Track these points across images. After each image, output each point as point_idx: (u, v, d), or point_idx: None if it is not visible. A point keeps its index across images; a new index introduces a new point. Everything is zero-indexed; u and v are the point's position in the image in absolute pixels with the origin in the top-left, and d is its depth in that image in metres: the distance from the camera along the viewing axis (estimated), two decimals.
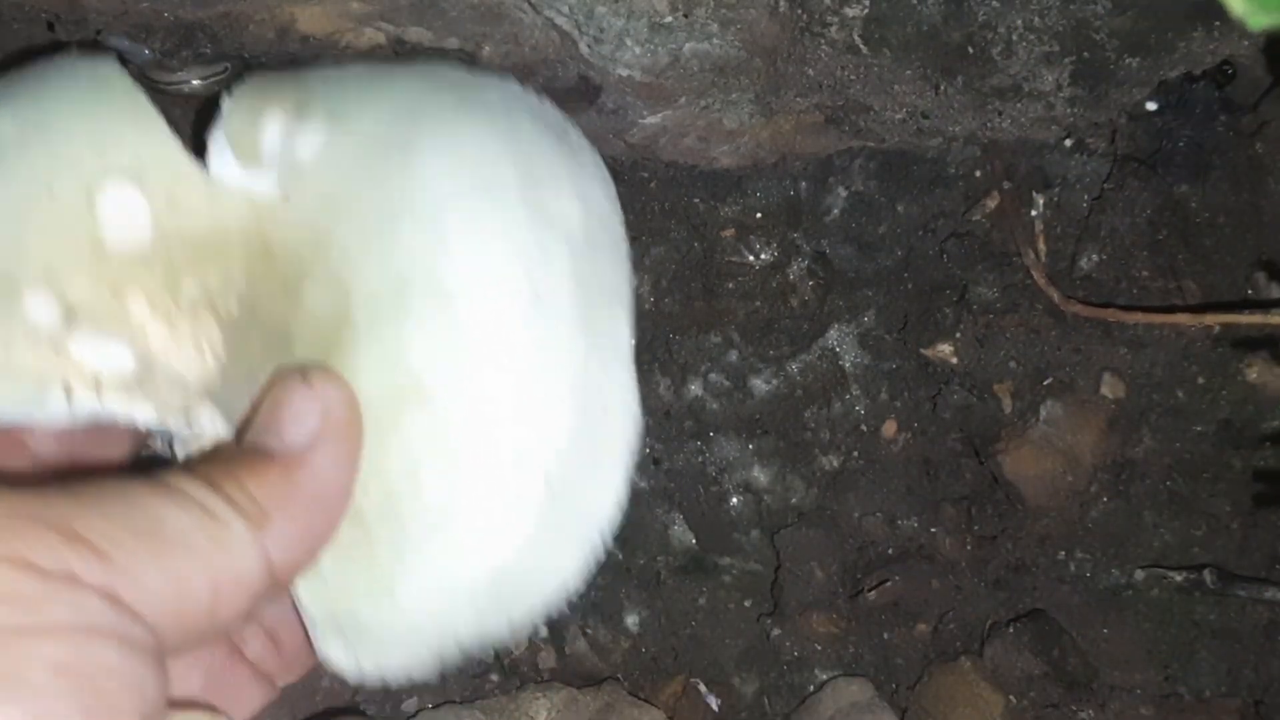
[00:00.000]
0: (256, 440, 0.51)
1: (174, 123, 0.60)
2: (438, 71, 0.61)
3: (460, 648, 0.54)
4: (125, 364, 0.58)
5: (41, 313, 0.56)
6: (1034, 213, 0.74)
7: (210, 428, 0.57)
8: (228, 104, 0.60)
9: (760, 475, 0.74)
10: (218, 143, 0.58)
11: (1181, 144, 0.72)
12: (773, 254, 0.75)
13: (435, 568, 0.52)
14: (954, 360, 0.74)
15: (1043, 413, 0.71)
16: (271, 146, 0.57)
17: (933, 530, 0.72)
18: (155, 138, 0.58)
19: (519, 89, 0.61)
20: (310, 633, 0.56)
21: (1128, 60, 0.65)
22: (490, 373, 0.52)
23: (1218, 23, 0.64)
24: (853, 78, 0.65)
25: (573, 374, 0.53)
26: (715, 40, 0.62)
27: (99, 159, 0.57)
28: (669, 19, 0.61)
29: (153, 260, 0.58)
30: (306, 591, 0.55)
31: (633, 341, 0.56)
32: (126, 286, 0.58)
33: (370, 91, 0.58)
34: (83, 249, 0.56)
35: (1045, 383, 0.72)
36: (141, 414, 0.58)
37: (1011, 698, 0.69)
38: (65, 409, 0.57)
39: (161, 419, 0.58)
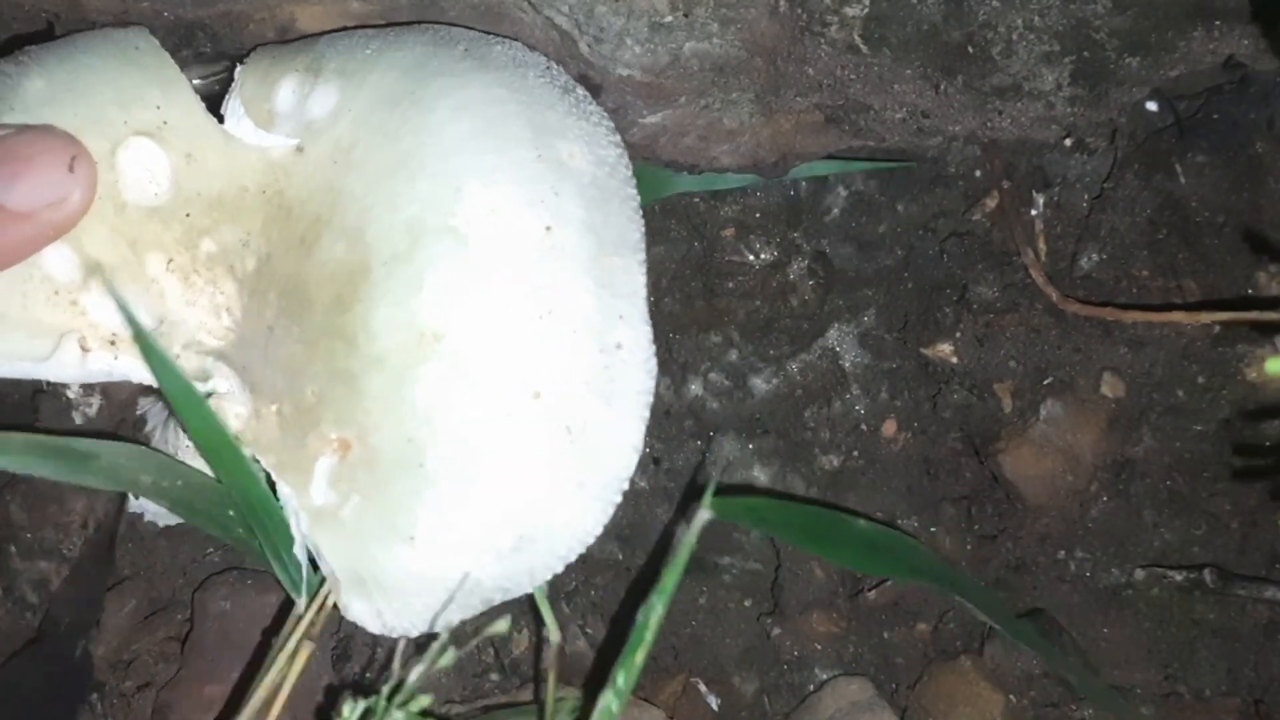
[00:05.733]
0: None
1: None
2: (444, 30, 0.61)
3: (482, 598, 0.54)
4: (142, 323, 0.59)
5: (61, 267, 0.57)
6: (1034, 212, 0.74)
7: (225, 388, 0.57)
8: (240, 71, 0.61)
9: (760, 475, 0.74)
10: (233, 107, 0.59)
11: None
12: (773, 253, 0.75)
13: (453, 512, 0.52)
14: (954, 360, 0.74)
15: (1043, 412, 0.71)
16: (285, 107, 0.58)
17: (933, 530, 0.72)
18: (179, 99, 0.59)
19: (523, 47, 0.61)
20: (333, 588, 0.56)
21: (1128, 60, 0.65)
22: (505, 314, 0.52)
23: (1218, 22, 0.64)
24: (853, 77, 0.66)
25: (588, 315, 0.53)
26: (715, 40, 0.62)
27: (123, 117, 0.58)
28: (669, 18, 0.61)
29: (171, 217, 0.58)
30: (328, 545, 0.55)
31: (646, 292, 0.55)
32: (145, 243, 0.58)
33: (380, 50, 0.59)
34: (104, 204, 0.57)
35: (1045, 382, 0.72)
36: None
37: (1011, 697, 0.69)
38: (80, 365, 0.58)
39: None
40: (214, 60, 0.68)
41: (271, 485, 0.57)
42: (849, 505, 0.73)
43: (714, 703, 0.71)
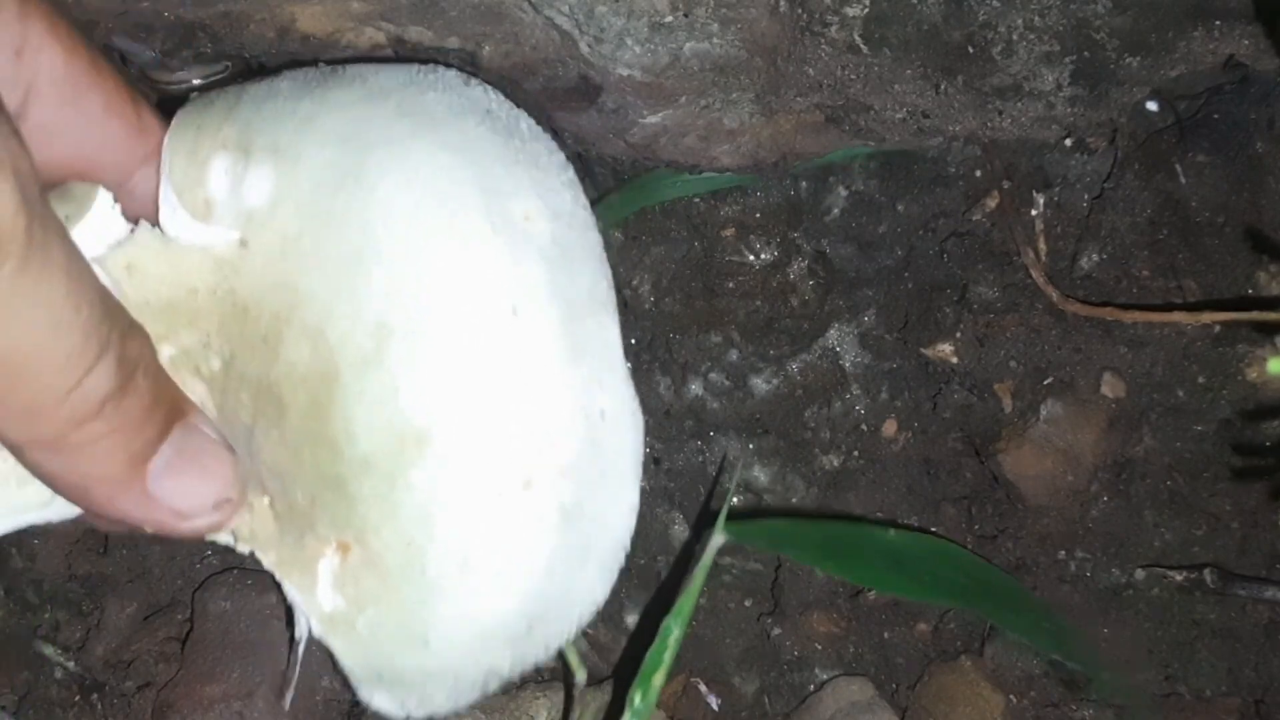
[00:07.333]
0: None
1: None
2: (372, 80, 0.58)
3: (501, 679, 0.54)
4: None
5: None
6: (1034, 212, 0.74)
7: None
8: (167, 144, 0.57)
9: (760, 475, 0.74)
10: (168, 200, 0.56)
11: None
12: (773, 253, 0.75)
13: (463, 610, 0.52)
14: (954, 360, 0.74)
15: (1043, 412, 0.71)
16: (220, 192, 0.55)
17: (933, 529, 0.72)
18: (101, 209, 0.56)
19: (458, 82, 0.58)
20: (353, 685, 0.56)
21: (1128, 60, 0.65)
22: (483, 406, 0.51)
23: (1218, 22, 0.64)
24: (853, 77, 0.66)
25: (567, 390, 0.52)
26: (715, 40, 0.62)
27: None
28: (669, 18, 0.61)
29: None
30: (343, 650, 0.55)
31: (621, 344, 0.55)
32: None
33: (310, 117, 0.56)
34: None
35: (1045, 382, 0.72)
36: None
37: (1012, 697, 0.69)
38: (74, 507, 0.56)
39: None
40: (214, 60, 0.68)
41: (275, 583, 0.56)
42: (849, 505, 0.73)
43: (714, 703, 0.71)
